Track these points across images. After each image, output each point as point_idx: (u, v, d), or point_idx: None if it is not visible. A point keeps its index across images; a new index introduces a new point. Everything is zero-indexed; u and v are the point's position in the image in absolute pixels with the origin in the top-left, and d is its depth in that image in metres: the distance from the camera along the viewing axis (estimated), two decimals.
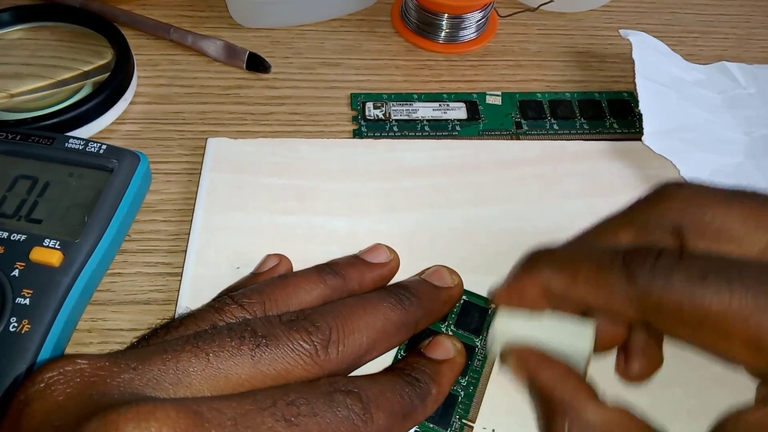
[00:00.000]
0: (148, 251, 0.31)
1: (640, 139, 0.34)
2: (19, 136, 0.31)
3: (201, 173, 0.32)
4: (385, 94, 0.38)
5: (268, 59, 0.39)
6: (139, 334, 0.22)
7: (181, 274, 0.29)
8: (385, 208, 0.32)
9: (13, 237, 0.27)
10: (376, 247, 0.28)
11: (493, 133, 0.37)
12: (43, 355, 0.26)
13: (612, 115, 0.38)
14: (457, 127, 0.37)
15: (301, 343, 0.20)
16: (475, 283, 0.28)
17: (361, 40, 0.42)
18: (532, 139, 0.37)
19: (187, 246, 0.30)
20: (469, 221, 0.31)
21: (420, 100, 0.38)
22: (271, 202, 0.31)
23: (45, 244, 0.27)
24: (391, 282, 0.28)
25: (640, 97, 0.35)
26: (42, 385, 0.17)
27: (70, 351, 0.27)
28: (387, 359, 0.25)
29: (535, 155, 0.34)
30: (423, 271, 0.28)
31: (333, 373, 0.21)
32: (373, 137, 0.36)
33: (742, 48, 0.44)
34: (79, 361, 0.18)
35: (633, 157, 0.35)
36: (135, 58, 0.38)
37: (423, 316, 0.25)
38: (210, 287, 0.27)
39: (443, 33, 0.41)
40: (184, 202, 0.33)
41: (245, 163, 0.33)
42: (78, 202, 0.29)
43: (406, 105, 0.38)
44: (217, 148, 0.33)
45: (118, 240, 0.30)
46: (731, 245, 0.21)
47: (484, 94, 0.39)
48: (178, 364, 0.18)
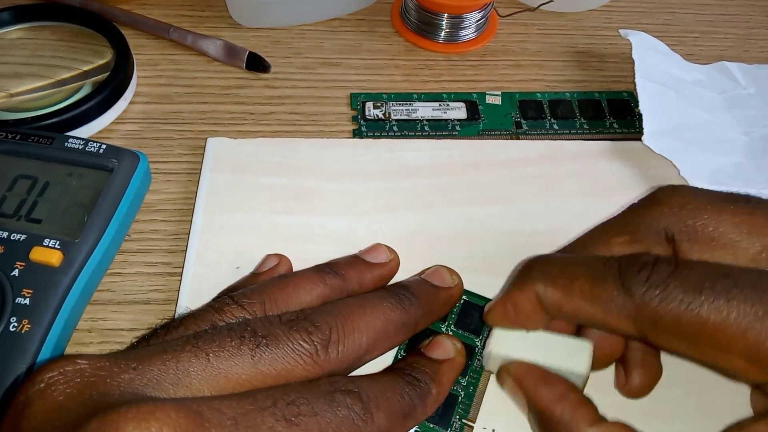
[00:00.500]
0: (148, 251, 0.31)
1: (640, 139, 0.34)
2: (18, 136, 0.31)
3: (201, 173, 0.32)
4: (385, 93, 0.38)
5: (267, 59, 0.39)
6: (139, 334, 0.22)
7: (181, 274, 0.29)
8: (385, 208, 0.32)
9: (13, 237, 0.27)
10: (376, 247, 0.28)
11: (492, 133, 0.37)
12: (43, 355, 0.26)
13: (612, 115, 0.38)
14: (457, 127, 0.37)
15: (301, 343, 0.20)
16: (475, 283, 0.28)
17: (360, 39, 0.42)
18: (532, 139, 0.37)
19: (187, 246, 0.30)
20: (469, 221, 0.31)
21: (420, 99, 0.38)
22: (271, 202, 0.31)
23: (45, 243, 0.27)
24: (391, 282, 0.28)
25: (640, 97, 0.35)
26: (42, 385, 0.17)
27: (70, 351, 0.27)
28: (387, 359, 0.25)
29: (535, 155, 0.34)
30: (423, 271, 0.28)
31: (333, 373, 0.21)
32: (373, 137, 0.36)
33: (742, 48, 0.44)
34: (80, 361, 0.18)
35: (633, 157, 0.35)
36: (135, 57, 0.38)
37: (423, 316, 0.25)
38: (210, 287, 0.27)
39: (443, 33, 0.41)
40: (184, 201, 0.33)
41: (245, 162, 0.33)
42: (78, 201, 0.29)
43: (406, 105, 0.38)
44: (216, 147, 0.33)
45: (118, 240, 0.30)
46: (724, 251, 0.21)
47: (484, 94, 0.39)
48: (178, 364, 0.18)
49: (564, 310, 0.22)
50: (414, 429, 0.25)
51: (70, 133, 0.32)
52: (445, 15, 0.40)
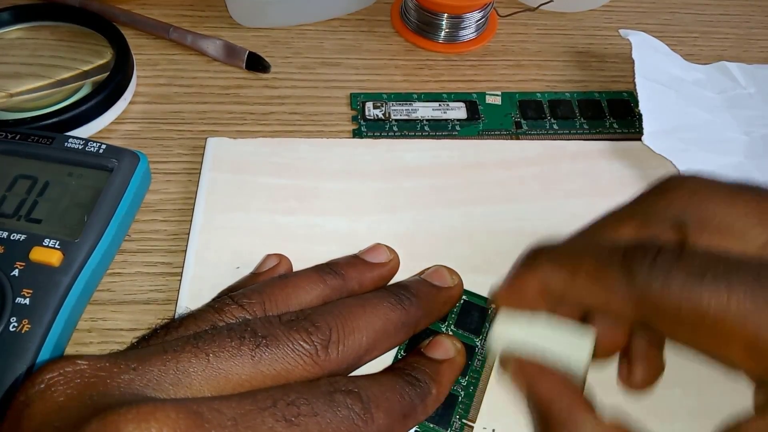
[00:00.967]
0: (147, 251, 0.31)
1: (639, 139, 0.34)
2: (18, 136, 0.31)
3: (201, 173, 0.32)
4: (385, 93, 0.38)
5: (267, 59, 0.39)
6: (139, 334, 0.22)
7: (180, 274, 0.29)
8: (385, 208, 0.32)
9: (13, 237, 0.27)
10: (376, 247, 0.28)
11: (492, 133, 0.37)
12: (43, 355, 0.26)
13: (612, 114, 0.38)
14: (457, 127, 0.37)
15: (301, 343, 0.20)
16: (475, 283, 0.28)
17: (360, 39, 0.42)
18: (531, 139, 0.37)
19: (186, 246, 0.30)
20: (469, 221, 0.31)
21: (420, 99, 0.38)
22: (271, 202, 0.31)
23: (45, 243, 0.27)
24: (391, 282, 0.28)
25: (640, 97, 0.35)
26: (42, 386, 0.17)
27: (70, 351, 0.27)
28: (387, 359, 0.25)
29: (535, 155, 0.34)
30: (423, 271, 0.28)
31: (333, 373, 0.21)
32: (373, 137, 0.36)
33: (741, 48, 0.44)
34: (80, 361, 0.18)
35: (633, 157, 0.35)
36: (134, 57, 0.38)
37: (423, 316, 0.25)
38: (210, 287, 0.27)
39: (443, 33, 0.41)
40: (184, 201, 0.33)
41: (245, 162, 0.33)
42: (78, 201, 0.29)
43: (406, 105, 0.38)
44: (216, 147, 0.33)
45: (118, 240, 0.30)
46: (733, 240, 0.20)
47: (484, 94, 0.39)
48: (178, 365, 0.18)
49: (568, 293, 0.22)
50: (414, 429, 0.25)
51: (69, 133, 0.32)
52: (445, 15, 0.40)
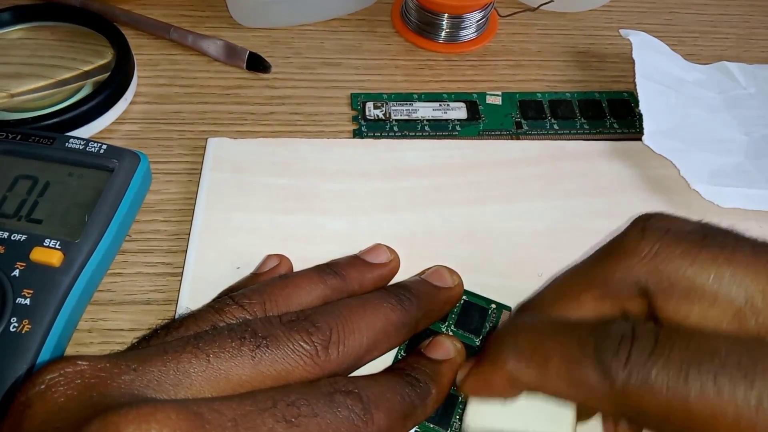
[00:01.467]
0: (148, 251, 0.31)
1: (640, 139, 0.34)
2: (19, 136, 0.31)
3: (201, 173, 0.32)
4: (385, 94, 0.38)
5: (268, 59, 0.39)
6: (140, 334, 0.22)
7: (181, 274, 0.29)
8: (385, 208, 0.32)
9: (14, 237, 0.27)
10: (377, 247, 0.28)
11: (493, 133, 0.37)
12: (44, 356, 0.26)
13: (612, 115, 0.38)
14: (457, 127, 0.37)
15: (302, 343, 0.20)
16: (475, 283, 0.28)
17: (361, 39, 0.42)
18: (532, 139, 0.37)
19: (187, 246, 0.30)
20: (469, 221, 0.31)
21: (420, 100, 0.38)
22: (271, 202, 0.31)
23: (45, 244, 0.27)
24: (392, 282, 0.28)
25: (640, 97, 0.35)
26: (43, 386, 0.17)
27: (70, 351, 0.28)
28: (387, 359, 0.25)
29: (535, 155, 0.34)
30: (423, 271, 0.28)
31: (333, 374, 0.21)
32: (373, 137, 0.36)
33: (742, 48, 0.44)
34: (80, 362, 0.18)
35: (633, 157, 0.35)
36: (135, 57, 0.38)
37: (423, 316, 0.25)
38: (210, 287, 0.27)
39: (443, 33, 0.41)
40: (185, 202, 0.33)
41: (245, 163, 0.33)
42: (78, 202, 0.29)
43: (406, 105, 0.38)
44: (217, 147, 0.33)
45: (119, 240, 0.30)
46: (704, 305, 0.19)
47: (484, 94, 0.39)
48: (178, 365, 0.18)
49: (540, 390, 0.20)
50: (414, 429, 0.25)
51: (70, 134, 0.32)
52: (446, 15, 0.40)
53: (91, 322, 0.28)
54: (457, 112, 0.38)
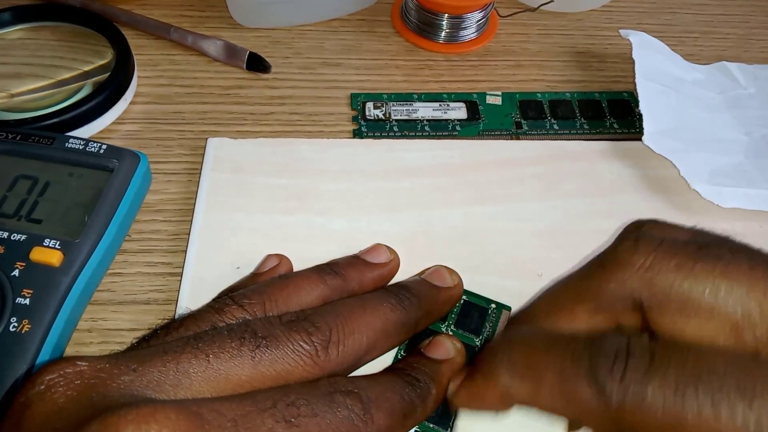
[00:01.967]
0: (148, 251, 0.31)
1: (640, 139, 0.34)
2: (19, 136, 0.31)
3: (201, 173, 0.32)
4: (385, 94, 0.38)
5: (268, 59, 0.39)
6: (139, 334, 0.22)
7: (181, 274, 0.29)
8: (385, 208, 0.32)
9: (14, 237, 0.27)
10: (376, 247, 0.28)
11: (493, 133, 0.37)
12: (43, 356, 0.26)
13: (612, 115, 0.38)
14: (457, 127, 0.37)
15: (302, 343, 0.20)
16: (475, 283, 0.28)
17: (361, 40, 0.42)
18: (532, 139, 0.37)
19: (187, 246, 0.30)
20: (469, 221, 0.31)
21: (420, 100, 0.38)
22: (272, 202, 0.31)
23: (45, 244, 0.27)
24: (391, 282, 0.28)
25: (640, 97, 0.35)
26: (42, 387, 0.17)
27: (70, 351, 0.27)
28: (387, 359, 0.25)
29: (535, 155, 0.34)
30: (423, 271, 0.28)
31: (333, 374, 0.21)
32: (373, 137, 0.36)
33: (742, 48, 0.44)
34: (80, 362, 0.18)
35: (633, 157, 0.35)
36: (135, 58, 0.38)
37: (423, 316, 0.25)
38: (210, 287, 0.27)
39: (443, 33, 0.41)
40: (184, 202, 0.33)
41: (245, 163, 0.33)
42: (78, 202, 0.29)
43: (406, 105, 0.38)
44: (217, 148, 0.33)
45: (119, 240, 0.30)
46: (699, 319, 0.18)
47: (484, 94, 0.39)
48: (178, 366, 0.18)
49: (532, 405, 0.20)
50: (414, 429, 0.25)
51: (70, 134, 0.32)
52: (446, 15, 0.40)
53: (90, 322, 0.28)
54: (457, 112, 0.38)
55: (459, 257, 0.29)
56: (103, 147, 0.31)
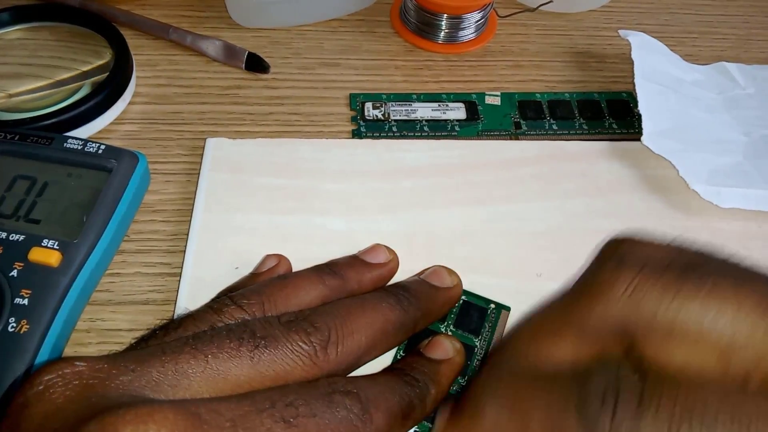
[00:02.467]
0: (146, 251, 0.31)
1: (639, 140, 0.34)
2: (17, 136, 0.31)
3: (200, 173, 0.32)
4: (384, 94, 0.38)
5: (267, 59, 0.39)
6: (138, 334, 0.22)
7: (179, 275, 0.29)
8: (385, 208, 0.32)
9: (12, 237, 0.27)
10: (376, 247, 0.28)
11: (492, 133, 0.37)
12: (42, 356, 0.26)
13: (611, 115, 0.38)
14: (457, 128, 0.37)
15: (300, 344, 0.20)
16: (475, 283, 0.28)
17: (360, 40, 0.42)
18: (531, 140, 0.37)
19: (185, 246, 0.30)
20: (469, 221, 0.31)
21: (419, 100, 0.38)
22: (271, 202, 0.31)
23: (43, 244, 0.27)
24: (391, 282, 0.28)
25: (639, 98, 0.35)
26: (41, 387, 0.17)
27: (68, 351, 0.27)
28: (386, 359, 0.25)
29: (534, 155, 0.34)
30: (422, 272, 0.28)
31: (332, 374, 0.21)
32: (373, 137, 0.36)
33: (741, 48, 0.44)
34: (78, 363, 0.18)
35: (632, 158, 0.35)
36: (134, 58, 0.38)
37: (422, 316, 0.25)
38: (209, 287, 0.27)
39: (442, 33, 0.41)
40: (183, 202, 0.33)
41: (244, 163, 0.33)
42: (77, 202, 0.29)
43: (405, 105, 0.38)
44: (216, 148, 0.33)
45: (117, 240, 0.30)
46: (687, 347, 0.17)
47: (484, 95, 0.39)
48: (176, 366, 0.18)
49: None
50: (414, 429, 0.25)
51: (69, 134, 0.32)
52: (445, 15, 0.40)
53: (89, 322, 0.28)
54: (456, 112, 0.38)
55: (458, 257, 0.29)
56: (102, 147, 0.31)
